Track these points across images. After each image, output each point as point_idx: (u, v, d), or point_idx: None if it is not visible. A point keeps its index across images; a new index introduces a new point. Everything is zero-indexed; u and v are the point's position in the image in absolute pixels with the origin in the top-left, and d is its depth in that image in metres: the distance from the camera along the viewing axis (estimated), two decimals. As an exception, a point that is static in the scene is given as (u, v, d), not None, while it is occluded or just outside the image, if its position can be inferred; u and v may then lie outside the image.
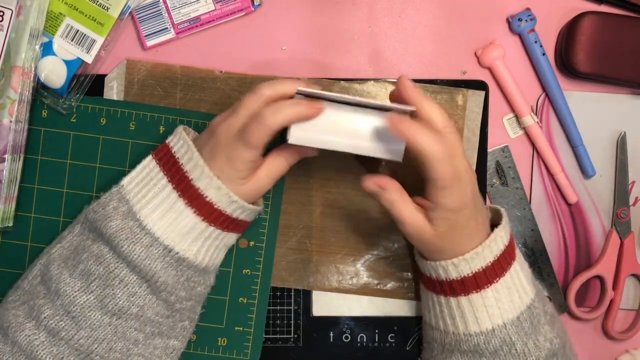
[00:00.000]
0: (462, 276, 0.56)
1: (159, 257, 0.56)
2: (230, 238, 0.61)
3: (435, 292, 0.59)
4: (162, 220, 0.56)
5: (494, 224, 0.59)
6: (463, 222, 0.56)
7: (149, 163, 0.59)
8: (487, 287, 0.56)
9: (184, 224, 0.56)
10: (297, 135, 0.55)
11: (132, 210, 0.57)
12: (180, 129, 0.59)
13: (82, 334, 0.55)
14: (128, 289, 0.56)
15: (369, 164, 0.67)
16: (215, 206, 0.56)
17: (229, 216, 0.58)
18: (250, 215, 0.61)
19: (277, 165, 0.59)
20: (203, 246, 0.58)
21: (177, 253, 0.57)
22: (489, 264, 0.56)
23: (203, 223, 0.57)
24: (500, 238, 0.57)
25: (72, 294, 0.55)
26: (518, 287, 0.57)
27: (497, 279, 0.56)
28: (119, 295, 0.56)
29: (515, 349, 0.56)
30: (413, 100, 0.56)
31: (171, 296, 0.58)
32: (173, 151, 0.58)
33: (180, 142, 0.58)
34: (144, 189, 0.58)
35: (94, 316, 0.55)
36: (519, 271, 0.58)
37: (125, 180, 0.59)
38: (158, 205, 0.57)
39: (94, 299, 0.55)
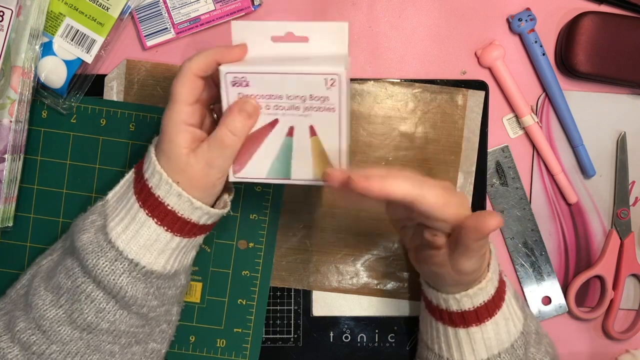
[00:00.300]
0: (463, 310, 0.55)
1: (124, 272, 0.53)
2: (199, 239, 0.58)
3: (434, 318, 0.58)
4: (126, 233, 0.53)
5: None
6: None
7: (130, 176, 0.56)
8: (487, 320, 0.55)
9: (147, 236, 0.53)
10: (227, 69, 0.51)
11: (104, 224, 0.54)
12: (156, 137, 0.56)
13: (54, 348, 0.53)
14: (95, 305, 0.53)
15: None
16: (179, 214, 0.53)
17: (195, 224, 0.55)
18: (217, 219, 0.58)
19: (219, 135, 0.52)
20: (171, 257, 0.55)
21: (143, 267, 0.54)
22: (490, 297, 0.55)
23: (167, 234, 0.54)
24: (496, 269, 0.56)
25: (43, 308, 0.54)
26: (513, 315, 0.57)
27: (497, 310, 0.55)
28: (86, 311, 0.53)
29: None
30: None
31: (143, 308, 0.55)
32: (144, 161, 0.56)
33: (148, 150, 0.56)
34: (119, 202, 0.55)
35: (64, 331, 0.53)
36: (511, 297, 0.57)
37: (110, 195, 0.56)
38: (123, 217, 0.54)
39: (62, 313, 0.54)
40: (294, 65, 0.51)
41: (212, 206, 0.57)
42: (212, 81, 0.55)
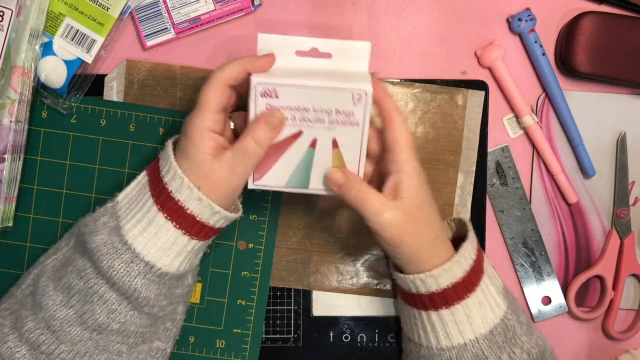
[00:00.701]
0: (430, 292, 0.55)
1: (139, 274, 0.54)
2: (210, 241, 0.59)
3: (409, 305, 0.59)
4: (143, 235, 0.54)
5: (461, 236, 0.59)
6: (427, 204, 0.56)
7: (142, 178, 0.57)
8: (457, 303, 0.55)
9: (165, 238, 0.54)
10: (257, 80, 0.53)
11: (118, 226, 0.55)
12: (170, 140, 0.57)
13: (63, 348, 0.54)
14: (107, 306, 0.54)
15: None
16: (198, 218, 0.54)
17: (212, 227, 0.56)
18: (230, 222, 0.59)
19: (243, 144, 0.54)
20: (185, 259, 0.56)
21: (159, 269, 0.54)
22: (459, 280, 0.55)
23: (185, 237, 0.55)
24: (468, 253, 0.57)
25: (53, 308, 0.54)
26: (490, 301, 0.57)
27: (468, 294, 0.56)
28: (98, 312, 0.54)
29: None
30: (381, 103, 0.56)
31: (154, 308, 0.56)
32: (159, 164, 0.56)
33: (164, 153, 0.56)
34: (133, 204, 0.56)
35: (74, 331, 0.54)
36: (489, 285, 0.58)
37: (120, 196, 0.57)
38: (140, 219, 0.55)
39: (73, 314, 0.54)
40: (323, 80, 0.53)
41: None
42: (235, 90, 0.57)
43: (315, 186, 0.58)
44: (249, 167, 0.55)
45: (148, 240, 0.54)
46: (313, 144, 0.56)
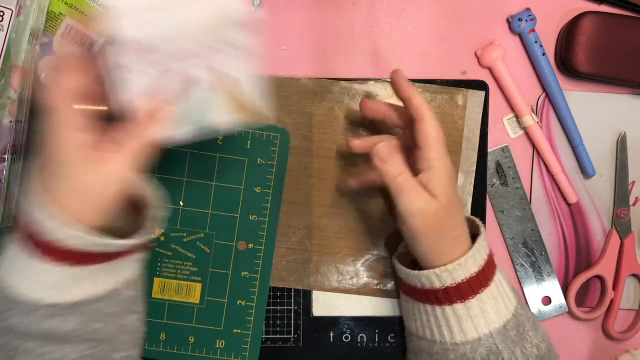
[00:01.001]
0: (445, 286, 0.55)
1: (48, 316, 0.47)
2: (134, 256, 0.54)
3: (420, 301, 0.59)
4: (32, 282, 0.47)
5: (472, 234, 0.59)
6: (455, 202, 0.56)
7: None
8: (472, 297, 0.55)
9: (56, 277, 0.47)
10: (123, 60, 0.44)
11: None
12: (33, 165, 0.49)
13: None
14: (34, 352, 0.48)
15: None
16: (88, 252, 0.48)
17: (113, 253, 0.50)
18: (146, 239, 0.53)
19: (132, 144, 0.48)
20: (96, 281, 0.50)
21: (66, 302, 0.48)
22: (473, 274, 0.55)
23: (81, 268, 0.48)
24: (482, 248, 0.57)
25: None
26: (503, 295, 0.57)
27: (482, 289, 0.56)
28: None
29: (502, 358, 0.55)
30: (410, 101, 0.56)
31: (86, 334, 0.50)
32: (26, 201, 0.48)
33: (26, 187, 0.48)
34: (12, 249, 0.48)
35: None
36: (502, 279, 0.58)
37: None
38: (15, 263, 0.48)
39: None
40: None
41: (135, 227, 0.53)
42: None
43: (216, 123, 0.51)
44: (138, 166, 0.48)
45: (41, 286, 0.47)
46: (201, 83, 0.49)
